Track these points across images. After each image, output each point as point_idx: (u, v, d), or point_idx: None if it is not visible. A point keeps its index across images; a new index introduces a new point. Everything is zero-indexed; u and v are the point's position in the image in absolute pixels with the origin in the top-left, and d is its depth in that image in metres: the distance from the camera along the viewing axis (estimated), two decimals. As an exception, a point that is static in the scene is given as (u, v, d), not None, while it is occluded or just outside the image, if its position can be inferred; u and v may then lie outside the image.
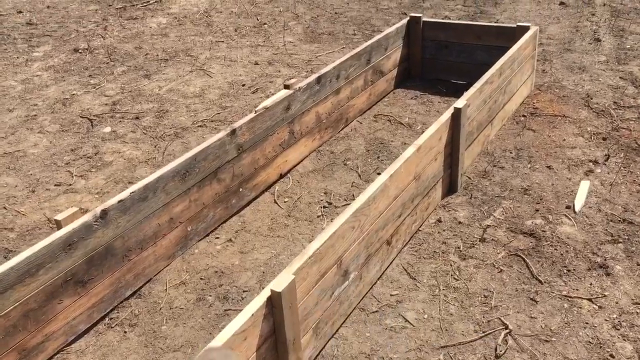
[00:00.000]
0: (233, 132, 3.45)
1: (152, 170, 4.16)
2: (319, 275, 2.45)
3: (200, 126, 4.78)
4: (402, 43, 5.18)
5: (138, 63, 6.19)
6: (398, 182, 2.97)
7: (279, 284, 2.17)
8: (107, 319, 2.87)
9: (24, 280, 2.45)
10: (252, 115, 3.61)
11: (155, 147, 4.49)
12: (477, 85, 3.76)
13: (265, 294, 2.16)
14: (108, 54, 6.41)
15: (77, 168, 4.22)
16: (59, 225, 2.62)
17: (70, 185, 4.01)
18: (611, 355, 2.44)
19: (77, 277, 2.68)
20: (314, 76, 4.13)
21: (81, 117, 5.01)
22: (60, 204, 3.81)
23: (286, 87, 3.96)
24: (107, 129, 4.78)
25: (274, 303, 2.17)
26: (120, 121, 4.92)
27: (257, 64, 6.04)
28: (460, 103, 3.48)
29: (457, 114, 3.44)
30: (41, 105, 5.23)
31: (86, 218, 2.68)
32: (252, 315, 2.09)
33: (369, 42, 4.76)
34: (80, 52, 6.51)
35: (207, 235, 3.44)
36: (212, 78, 5.73)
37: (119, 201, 2.81)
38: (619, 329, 2.57)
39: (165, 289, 3.04)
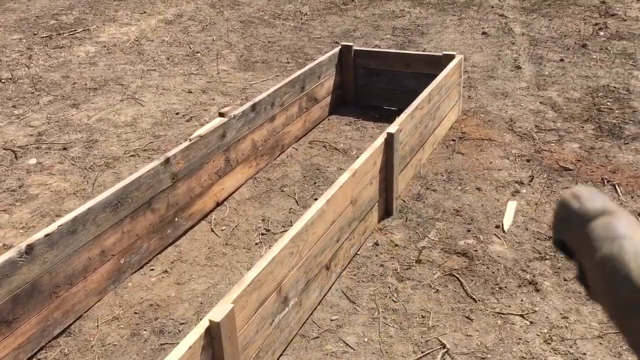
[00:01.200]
0: (167, 161, 3.39)
1: (82, 202, 4.01)
2: (258, 303, 2.42)
3: (132, 156, 4.67)
4: (335, 71, 5.28)
5: (65, 92, 6.01)
6: (335, 207, 2.99)
7: (217, 314, 2.13)
8: (34, 359, 2.72)
9: (-59, 322, 2.29)
10: (187, 143, 3.57)
11: (84, 178, 4.34)
12: (408, 111, 3.87)
13: (203, 324, 2.11)
14: (33, 84, 6.20)
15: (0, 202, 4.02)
16: (-20, 262, 2.48)
17: (-8, 220, 3.81)
18: (544, 369, 2.53)
19: (1, 317, 2.53)
20: (249, 104, 4.13)
21: (4, 149, 4.79)
22: (-19, 240, 3.60)
23: (221, 114, 3.95)
24: (32, 161, 4.59)
25: (212, 334, 2.12)
26: (46, 152, 4.74)
27: (190, 92, 5.99)
28: (392, 128, 3.57)
29: (390, 139, 3.53)
30: (-40, 137, 4.97)
31: (10, 254, 2.55)
32: (190, 347, 2.03)
33: (303, 70, 4.83)
34: (3, 82, 6.26)
35: (142, 267, 3.34)
36: (144, 107, 5.64)
37: (46, 235, 2.70)
38: (550, 344, 2.67)
39: (97, 326, 2.92)
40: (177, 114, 5.48)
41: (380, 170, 3.54)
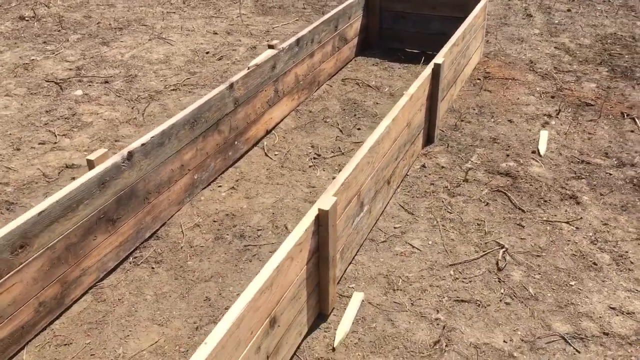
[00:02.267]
0: (231, 86, 3.60)
1: (136, 129, 4.22)
2: (346, 202, 2.70)
3: (173, 90, 4.85)
4: (362, 13, 5.47)
5: (92, 31, 6.10)
6: (397, 127, 3.26)
7: (325, 203, 2.40)
8: (131, 257, 2.98)
9: (67, 214, 2.52)
10: (246, 71, 3.77)
11: (132, 108, 4.53)
12: (448, 45, 4.12)
13: (313, 212, 2.38)
14: (58, 22, 6.26)
15: (57, 128, 4.19)
16: (91, 164, 2.70)
17: (55, 143, 4.00)
18: (594, 263, 2.88)
19: (108, 216, 2.77)
20: (294, 38, 4.33)
21: (47, 81, 4.92)
22: (49, 160, 3.80)
23: (270, 47, 4.14)
24: (79, 92, 4.74)
25: (320, 221, 2.40)
26: (89, 85, 4.89)
27: (216, 33, 6.13)
28: (439, 59, 3.82)
29: (437, 69, 3.78)
30: (1, 70, 5.07)
31: (115, 159, 2.77)
32: (306, 230, 2.31)
33: (336, 9, 5.01)
34: (27, 20, 6.30)
35: (209, 184, 3.59)
36: (173, 46, 5.77)
37: (142, 144, 2.92)
38: (596, 244, 3.02)
39: (182, 231, 3.18)
40: (207, 53, 5.63)
41: (427, 99, 3.81)
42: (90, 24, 6.30)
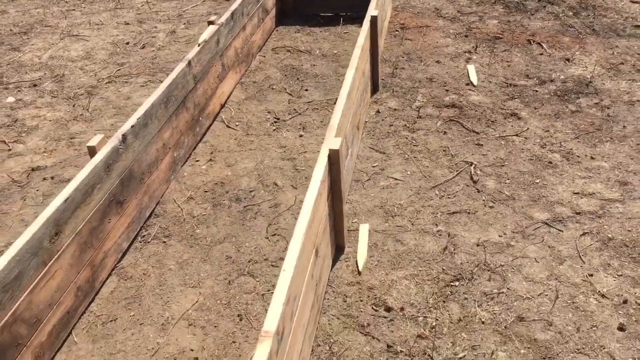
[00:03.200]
0: (189, 63, 3.71)
1: (88, 124, 4.19)
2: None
3: (108, 82, 4.82)
4: (275, -17, 5.66)
5: (-5, 39, 5.81)
6: (358, 75, 3.55)
7: (333, 144, 2.65)
8: (139, 237, 3.06)
9: (85, 199, 2.58)
10: (198, 48, 3.88)
11: (74, 106, 4.46)
12: (374, 0, 4.44)
13: (324, 153, 2.62)
14: (-46, 35, 5.89)
15: (5, 136, 4.07)
16: (92, 151, 2.75)
17: (9, 150, 3.90)
18: (549, 162, 3.36)
19: (116, 198, 2.84)
20: (228, 12, 4.46)
21: (-30, 93, 4.70)
22: (12, 167, 3.72)
23: (210, 22, 4.25)
24: (11, 99, 4.58)
25: (332, 160, 2.64)
26: (18, 91, 4.73)
27: (127, 23, 6.06)
28: (374, 12, 4.13)
29: (374, 21, 4.09)
30: None
31: (114, 142, 2.84)
32: (324, 168, 2.55)
33: (255, -18, 5.17)
34: None
35: (187, 160, 3.69)
36: (89, 41, 5.66)
37: (132, 126, 2.99)
38: (545, 147, 3.50)
39: (178, 205, 3.29)
40: (127, 43, 5.58)
41: (370, 48, 4.11)
42: (-10, 32, 5.98)
